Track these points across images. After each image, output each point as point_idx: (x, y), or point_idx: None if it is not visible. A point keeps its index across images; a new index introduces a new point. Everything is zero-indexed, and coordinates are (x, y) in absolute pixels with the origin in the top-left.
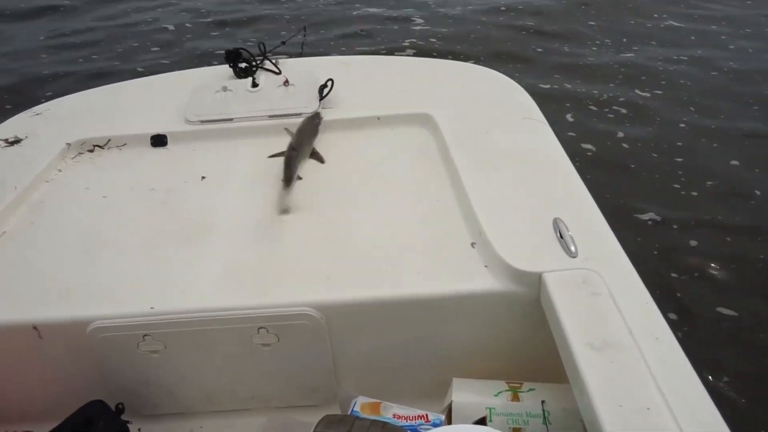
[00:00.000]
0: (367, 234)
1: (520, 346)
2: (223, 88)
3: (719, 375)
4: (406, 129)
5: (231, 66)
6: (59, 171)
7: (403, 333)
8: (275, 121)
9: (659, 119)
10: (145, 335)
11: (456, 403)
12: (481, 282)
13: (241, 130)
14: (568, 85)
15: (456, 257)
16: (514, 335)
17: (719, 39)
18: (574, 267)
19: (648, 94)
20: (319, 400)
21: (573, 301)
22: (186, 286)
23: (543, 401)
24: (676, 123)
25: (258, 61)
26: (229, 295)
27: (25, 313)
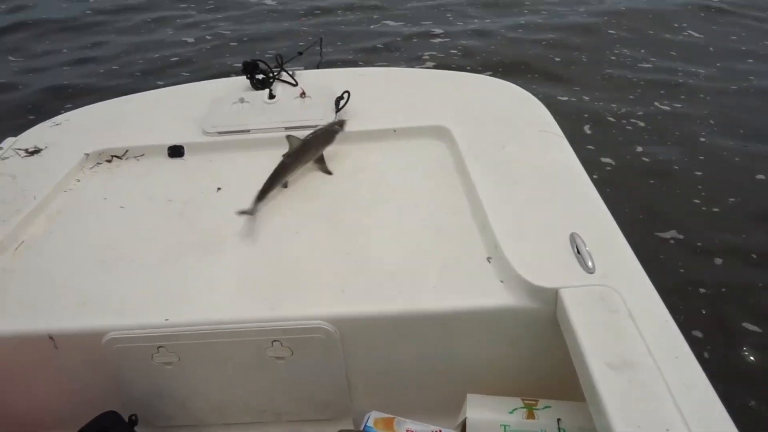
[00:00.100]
0: (382, 247)
1: (536, 362)
2: (240, 100)
3: (742, 397)
4: (422, 141)
5: (248, 77)
6: (78, 181)
7: (418, 347)
8: (292, 132)
9: (678, 133)
10: (159, 347)
11: (470, 419)
12: (496, 297)
13: (258, 142)
14: (586, 98)
15: (471, 271)
16: (529, 351)
17: (739, 51)
18: (591, 283)
19: (668, 108)
20: (332, 415)
21: (590, 318)
22: (201, 297)
23: (559, 419)
24: (696, 137)
25: (275, 73)
26: (243, 308)
27: (40, 323)
